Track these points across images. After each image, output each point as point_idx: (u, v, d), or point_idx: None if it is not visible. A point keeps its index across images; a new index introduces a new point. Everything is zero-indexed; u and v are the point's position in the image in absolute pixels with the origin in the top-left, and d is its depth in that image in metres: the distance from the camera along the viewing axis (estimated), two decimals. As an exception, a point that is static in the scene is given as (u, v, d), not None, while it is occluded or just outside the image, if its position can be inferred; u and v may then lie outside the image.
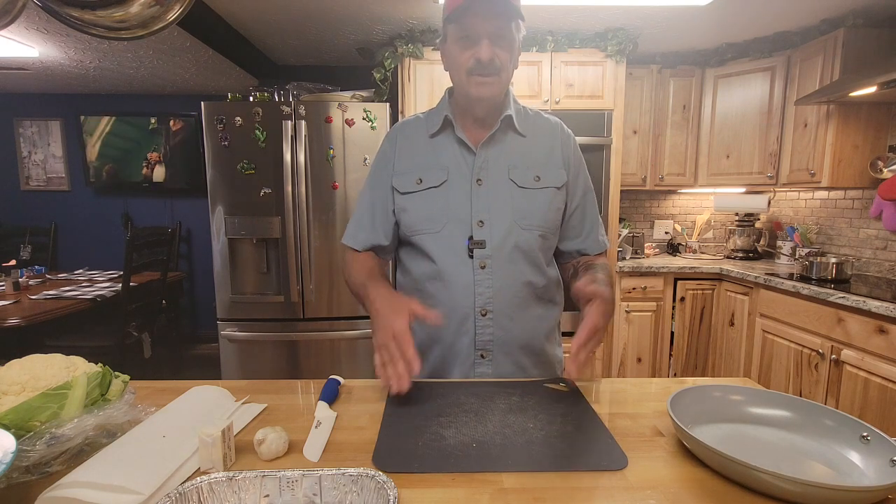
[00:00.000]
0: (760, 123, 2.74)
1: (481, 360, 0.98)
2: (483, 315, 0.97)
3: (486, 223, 0.97)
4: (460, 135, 1.00)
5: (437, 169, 1.00)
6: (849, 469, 0.62)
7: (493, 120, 1.00)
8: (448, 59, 0.97)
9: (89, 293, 2.58)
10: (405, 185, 1.01)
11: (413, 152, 1.03)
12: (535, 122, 1.05)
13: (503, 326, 0.97)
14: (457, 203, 0.97)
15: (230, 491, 0.54)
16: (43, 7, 0.98)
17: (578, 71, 2.60)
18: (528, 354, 1.01)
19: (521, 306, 0.98)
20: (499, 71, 0.92)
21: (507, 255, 0.96)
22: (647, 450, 0.67)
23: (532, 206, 0.98)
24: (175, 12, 1.07)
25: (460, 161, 1.00)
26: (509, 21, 0.91)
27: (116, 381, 0.74)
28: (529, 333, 1.00)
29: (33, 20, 2.31)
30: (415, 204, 0.99)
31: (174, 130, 3.74)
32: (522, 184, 0.99)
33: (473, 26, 0.90)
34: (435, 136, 1.03)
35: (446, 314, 0.97)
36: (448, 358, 1.00)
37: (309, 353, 2.58)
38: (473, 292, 0.96)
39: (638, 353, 2.82)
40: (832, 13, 2.36)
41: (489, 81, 0.93)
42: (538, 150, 1.03)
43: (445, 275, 0.97)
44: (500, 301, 0.97)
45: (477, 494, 0.57)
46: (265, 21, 2.57)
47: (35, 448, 0.58)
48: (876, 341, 1.80)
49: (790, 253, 2.85)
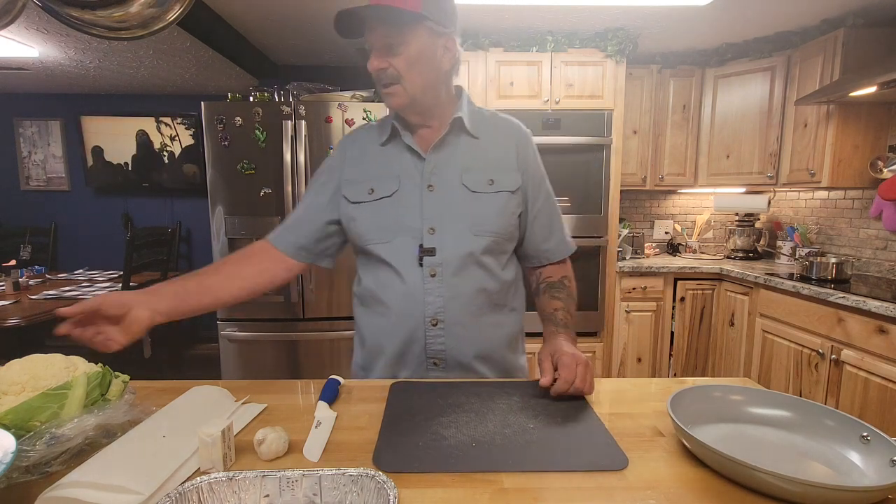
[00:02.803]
0: (760, 123, 2.74)
1: (434, 367, 0.97)
2: (434, 325, 0.94)
3: (437, 230, 0.94)
4: (408, 141, 0.98)
5: (388, 178, 0.97)
6: (849, 469, 0.62)
7: (441, 123, 0.98)
8: None
9: (89, 293, 2.58)
10: (356, 194, 0.98)
11: (364, 161, 1.01)
12: (491, 123, 1.03)
13: (456, 335, 0.95)
14: (408, 212, 0.95)
15: (230, 491, 0.54)
16: (43, 7, 0.98)
17: (578, 71, 2.60)
18: (485, 364, 0.99)
19: (474, 314, 0.96)
20: (398, 80, 0.90)
21: (459, 263, 0.94)
22: (647, 450, 0.67)
23: (485, 211, 0.96)
24: (175, 12, 1.07)
25: (411, 168, 0.97)
26: (402, 28, 0.87)
27: (116, 381, 0.74)
28: (485, 343, 0.98)
29: (33, 20, 2.31)
30: (365, 214, 0.97)
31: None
32: (475, 188, 0.96)
33: (369, 39, 0.90)
34: (385, 144, 1.01)
35: (396, 323, 0.96)
36: (399, 367, 0.98)
37: (309, 353, 2.58)
38: (423, 301, 0.94)
39: (638, 353, 2.82)
40: (832, 13, 2.36)
41: (392, 91, 0.91)
42: (492, 151, 1.00)
43: (396, 284, 0.95)
44: (451, 310, 0.94)
45: (477, 494, 0.57)
46: (265, 21, 2.57)
47: (35, 448, 0.58)
48: (876, 341, 1.80)
49: (790, 253, 2.85)
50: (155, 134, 3.75)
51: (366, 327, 1.03)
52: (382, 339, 0.99)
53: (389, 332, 0.97)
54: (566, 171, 2.60)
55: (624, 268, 2.72)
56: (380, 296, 0.98)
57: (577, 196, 2.63)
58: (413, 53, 0.89)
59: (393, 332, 0.97)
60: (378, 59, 0.89)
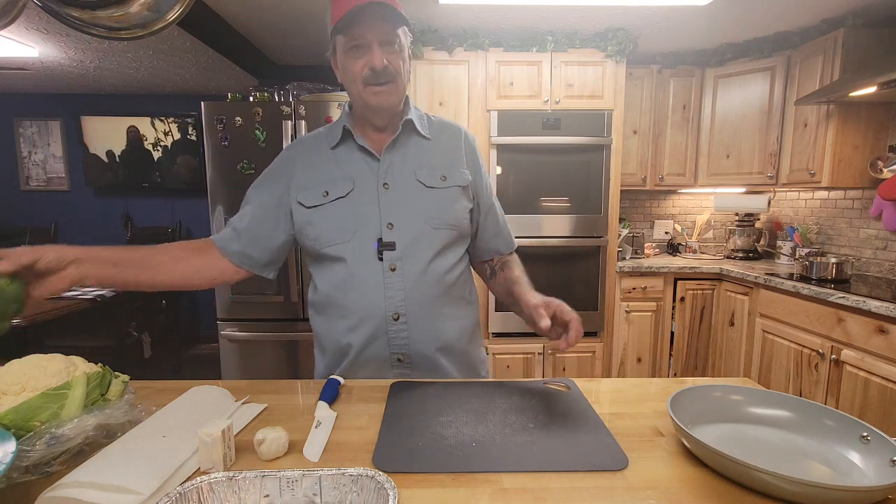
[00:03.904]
0: (760, 123, 2.74)
1: (398, 364, 0.98)
2: (395, 319, 0.95)
3: (395, 225, 0.96)
4: (361, 143, 0.99)
5: (342, 179, 0.98)
6: (849, 469, 0.62)
7: (393, 126, 1.00)
8: (342, 71, 0.96)
9: (89, 293, 2.58)
10: (310, 198, 0.98)
11: (315, 166, 1.02)
12: (439, 126, 1.07)
13: (418, 328, 0.97)
14: (365, 209, 0.97)
15: (230, 491, 0.54)
16: (43, 7, 0.98)
17: (578, 71, 2.60)
18: (447, 356, 1.00)
19: (435, 307, 0.98)
20: (394, 77, 0.92)
21: (418, 256, 0.96)
22: (647, 450, 0.67)
23: (441, 204, 0.99)
24: (175, 12, 1.07)
25: (364, 168, 0.99)
26: (396, 27, 0.90)
27: (116, 381, 0.74)
28: (446, 335, 1.00)
29: (33, 20, 2.31)
30: (322, 216, 0.98)
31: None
32: (430, 183, 0.99)
33: (362, 34, 0.89)
34: (336, 147, 1.02)
35: (358, 323, 0.96)
36: (362, 364, 0.99)
37: (309, 353, 2.58)
38: (384, 296, 0.95)
39: (638, 353, 2.82)
40: (832, 13, 2.36)
41: (386, 90, 0.92)
42: (443, 151, 1.03)
43: (356, 281, 0.96)
44: (412, 303, 0.96)
45: (477, 494, 0.57)
46: (265, 21, 2.57)
47: (35, 448, 0.58)
48: (876, 341, 1.80)
49: (790, 253, 2.85)
50: (149, 130, 3.75)
51: (326, 335, 1.03)
52: (344, 343, 0.98)
53: (350, 333, 0.97)
54: (566, 171, 2.60)
55: (624, 268, 2.72)
56: (339, 299, 0.98)
57: (577, 196, 2.63)
58: (406, 54, 0.94)
59: (354, 333, 0.97)
60: (381, 54, 0.90)
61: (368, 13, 0.87)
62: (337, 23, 0.88)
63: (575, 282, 2.67)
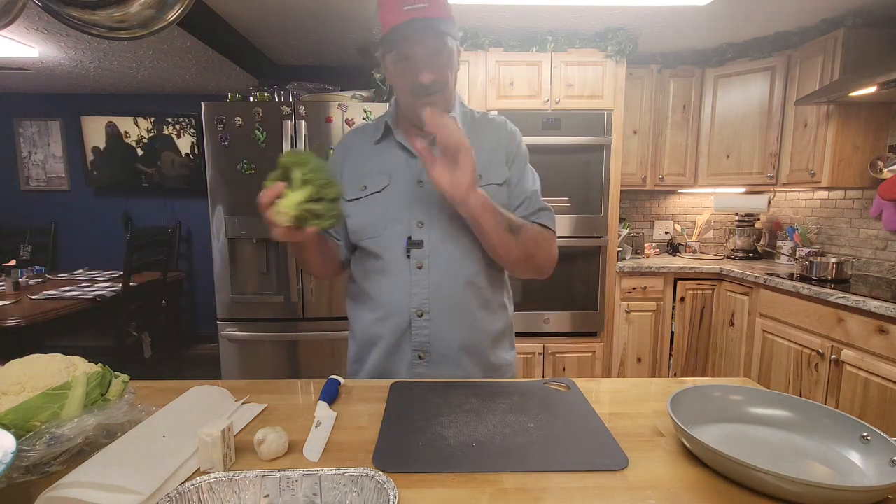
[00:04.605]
0: (760, 123, 2.74)
1: (419, 361, 0.99)
2: (419, 316, 0.97)
3: (425, 224, 0.97)
4: (401, 140, 1.01)
5: (379, 174, 1.00)
6: (849, 469, 0.62)
7: None
8: (391, 78, 0.98)
9: (89, 293, 2.58)
10: (351, 191, 1.01)
11: (359, 160, 1.04)
12: (480, 124, 1.06)
13: (440, 327, 0.97)
14: (397, 206, 0.98)
15: (230, 491, 0.54)
16: (43, 7, 0.98)
17: (578, 71, 2.60)
18: (471, 357, 1.00)
19: (461, 308, 0.98)
20: (442, 87, 0.93)
21: (446, 256, 0.97)
22: (647, 450, 0.67)
23: None
24: (175, 12, 1.07)
25: (402, 165, 1.01)
26: (444, 38, 0.91)
27: (116, 381, 0.74)
28: (471, 336, 1.00)
29: (33, 20, 2.31)
30: (359, 209, 1.00)
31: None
32: None
33: (411, 51, 0.90)
34: (379, 142, 1.04)
35: (384, 315, 0.99)
36: (388, 357, 1.01)
37: (309, 353, 2.58)
38: (409, 293, 0.97)
39: (638, 353, 2.82)
40: (832, 13, 2.36)
41: (434, 100, 0.93)
42: (481, 151, 1.01)
43: (384, 276, 0.99)
44: (436, 302, 0.97)
45: (477, 494, 0.57)
46: (265, 21, 2.57)
47: (35, 448, 0.58)
48: (876, 341, 1.80)
49: (790, 253, 2.85)
50: (132, 128, 3.76)
51: (356, 321, 1.07)
52: (372, 332, 1.02)
53: (378, 324, 1.00)
54: (566, 171, 2.60)
55: (624, 268, 2.72)
56: (369, 289, 1.01)
57: (577, 196, 2.63)
58: (452, 62, 0.94)
59: (381, 325, 1.00)
60: (430, 71, 0.90)
61: (418, 28, 0.88)
62: (386, 35, 0.90)
63: (575, 282, 2.67)
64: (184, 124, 3.77)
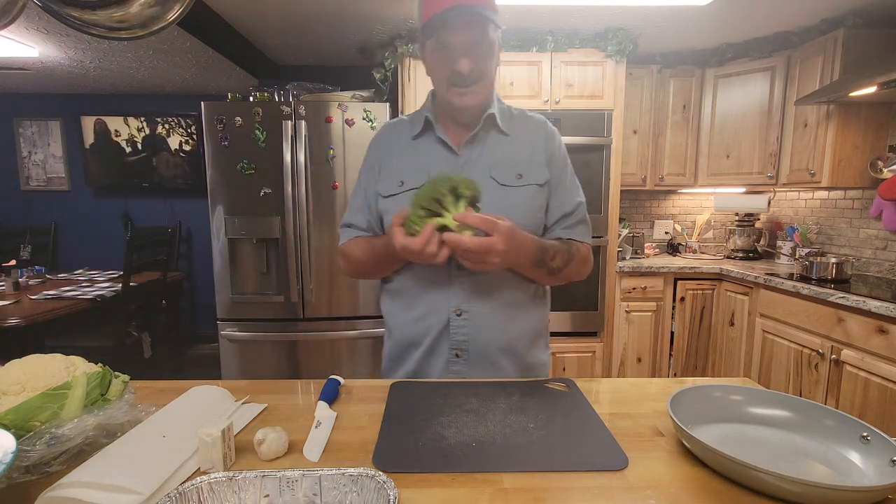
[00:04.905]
0: (760, 123, 2.74)
1: (456, 360, 0.99)
2: (458, 315, 0.97)
3: None
4: (441, 136, 1.00)
5: (418, 171, 0.99)
6: (849, 469, 0.62)
7: (475, 121, 1.00)
8: (428, 67, 0.97)
9: (89, 293, 2.58)
10: (387, 188, 1.01)
11: (396, 155, 1.03)
12: (520, 122, 1.05)
13: (479, 327, 0.97)
14: None
15: (230, 491, 0.54)
16: (43, 7, 0.98)
17: (578, 71, 2.60)
18: (508, 356, 1.00)
19: (499, 307, 0.98)
20: (480, 78, 0.92)
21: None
22: (647, 450, 0.67)
23: (513, 204, 0.97)
24: (175, 12, 1.07)
25: (441, 162, 1.00)
26: (486, 26, 0.90)
27: (116, 381, 0.74)
28: (509, 335, 1.00)
29: (33, 20, 2.31)
30: (396, 206, 0.99)
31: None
32: (504, 182, 0.98)
33: (450, 39, 0.89)
34: (417, 137, 1.03)
35: (423, 314, 0.98)
36: (426, 357, 1.00)
37: (309, 353, 2.58)
38: (448, 292, 0.96)
39: (638, 353, 2.82)
40: (832, 13, 2.36)
41: (471, 91, 0.93)
42: (521, 148, 1.01)
43: (423, 275, 0.98)
44: (476, 301, 0.97)
45: (477, 494, 0.57)
46: (265, 21, 2.57)
47: (35, 448, 0.58)
48: (876, 341, 1.80)
49: (790, 253, 2.85)
50: (122, 127, 3.75)
51: (393, 319, 1.06)
52: (411, 332, 1.01)
53: (417, 323, 1.00)
54: (566, 171, 2.59)
55: (624, 268, 2.72)
56: (407, 289, 1.01)
57: (577, 196, 2.62)
58: (495, 50, 0.93)
59: (420, 324, 0.99)
60: (469, 60, 0.89)
61: (458, 16, 0.86)
62: (426, 23, 0.88)
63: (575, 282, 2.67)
64: (173, 124, 3.76)
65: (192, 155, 3.79)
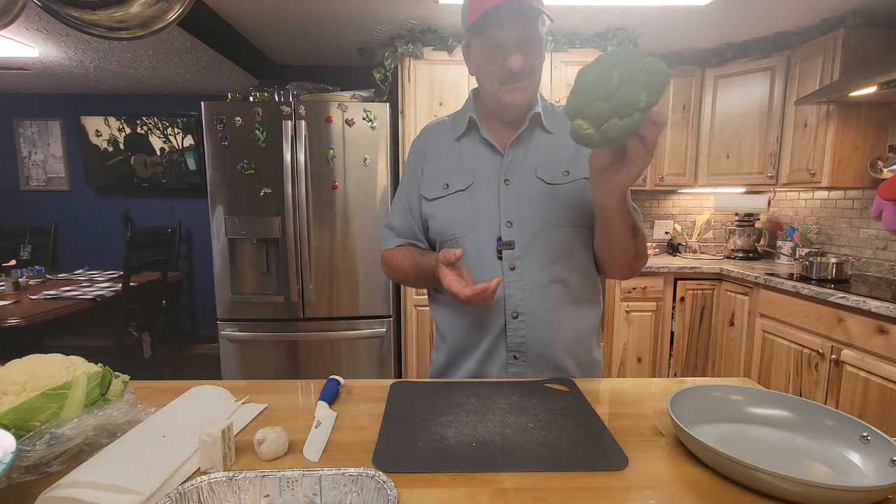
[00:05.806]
0: (760, 123, 2.74)
1: (514, 361, 0.97)
2: (514, 318, 0.95)
3: (514, 223, 0.95)
4: (486, 136, 0.99)
5: (462, 172, 0.98)
6: (849, 469, 0.62)
7: (520, 120, 0.98)
8: (475, 66, 0.96)
9: (89, 293, 2.58)
10: (432, 191, 1.00)
11: (439, 157, 1.02)
12: (562, 117, 1.02)
13: (536, 328, 0.95)
14: (484, 205, 0.96)
15: (230, 491, 0.54)
16: (43, 7, 0.98)
17: (578, 71, 2.60)
18: (567, 356, 0.98)
19: (554, 307, 0.96)
20: (531, 74, 0.91)
21: (537, 255, 0.95)
22: (647, 450, 0.67)
23: (562, 202, 0.95)
24: (175, 12, 1.07)
25: (486, 163, 0.98)
26: (535, 21, 0.88)
27: (116, 381, 0.74)
28: (566, 335, 0.98)
29: (33, 20, 2.31)
30: (442, 209, 0.98)
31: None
32: (551, 180, 0.96)
33: (501, 37, 0.88)
34: (460, 138, 1.01)
35: (479, 319, 0.97)
36: (484, 360, 0.99)
37: (309, 353, 2.58)
38: (504, 295, 0.95)
39: (638, 353, 2.82)
40: (832, 13, 2.36)
41: (522, 86, 0.92)
42: (566, 145, 0.98)
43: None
44: (531, 303, 0.95)
45: (477, 494, 0.57)
46: (265, 21, 2.57)
47: (35, 448, 0.58)
48: (876, 341, 1.80)
49: (790, 253, 2.85)
50: (103, 128, 3.75)
51: (446, 326, 1.04)
52: (467, 338, 1.00)
53: (473, 329, 0.98)
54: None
55: (624, 268, 2.72)
56: None
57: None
58: (540, 49, 0.92)
59: (476, 329, 0.98)
60: (520, 56, 0.88)
61: (510, 12, 0.85)
62: (474, 23, 0.87)
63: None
64: (150, 125, 3.75)
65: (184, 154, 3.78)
